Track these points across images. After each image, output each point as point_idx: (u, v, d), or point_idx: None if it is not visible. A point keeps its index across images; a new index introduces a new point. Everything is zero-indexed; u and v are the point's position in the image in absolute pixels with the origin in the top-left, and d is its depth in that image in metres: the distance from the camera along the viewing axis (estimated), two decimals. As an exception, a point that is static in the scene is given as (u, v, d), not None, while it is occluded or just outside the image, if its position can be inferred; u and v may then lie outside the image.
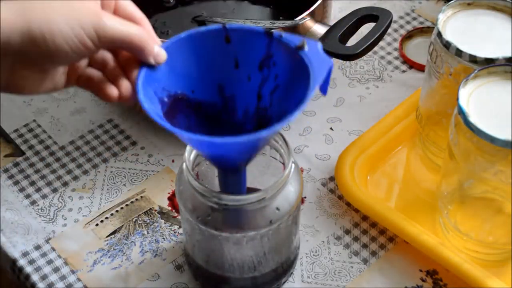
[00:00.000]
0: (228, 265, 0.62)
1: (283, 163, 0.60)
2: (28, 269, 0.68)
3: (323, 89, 0.52)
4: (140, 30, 0.49)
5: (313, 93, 0.50)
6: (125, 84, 0.51)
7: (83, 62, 0.51)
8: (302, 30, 0.74)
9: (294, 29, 0.73)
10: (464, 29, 0.66)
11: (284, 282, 0.66)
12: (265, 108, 0.55)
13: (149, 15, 0.61)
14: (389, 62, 0.88)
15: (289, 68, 0.53)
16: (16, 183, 0.75)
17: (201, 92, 0.55)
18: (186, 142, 0.53)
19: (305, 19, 0.73)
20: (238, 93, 0.56)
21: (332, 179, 0.75)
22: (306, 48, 0.52)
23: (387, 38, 0.91)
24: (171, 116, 0.52)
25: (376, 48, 0.88)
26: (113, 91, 0.51)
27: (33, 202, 0.74)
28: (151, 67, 0.51)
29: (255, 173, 0.63)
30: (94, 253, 0.69)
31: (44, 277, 0.67)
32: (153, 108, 0.50)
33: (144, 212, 0.73)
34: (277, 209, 0.58)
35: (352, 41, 0.74)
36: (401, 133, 0.77)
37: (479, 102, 0.59)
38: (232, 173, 0.56)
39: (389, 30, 0.90)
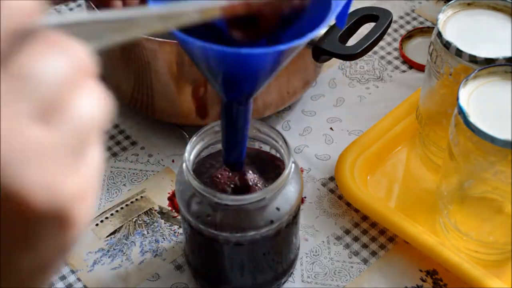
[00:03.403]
0: (228, 265, 0.62)
1: (283, 163, 0.60)
2: (28, 269, 0.68)
3: (340, 21, 0.51)
4: None
5: (334, 14, 0.48)
6: None
7: None
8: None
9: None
10: (464, 29, 0.66)
11: (284, 282, 0.66)
12: (278, 36, 0.53)
13: None
14: (389, 62, 0.88)
15: None
16: (16, 183, 0.75)
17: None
18: (194, 58, 0.50)
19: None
20: None
21: (332, 179, 0.75)
22: None
23: (387, 38, 0.91)
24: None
25: (376, 48, 0.88)
26: (118, 3, 0.52)
27: (33, 202, 0.73)
28: None
29: (256, 173, 0.63)
30: (94, 253, 0.69)
31: (44, 277, 0.67)
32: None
33: (144, 212, 0.73)
34: (277, 209, 0.58)
35: (352, 41, 0.74)
36: (401, 133, 0.77)
37: (479, 102, 0.59)
38: (237, 108, 0.53)
39: (389, 30, 0.90)
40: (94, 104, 0.28)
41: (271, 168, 0.62)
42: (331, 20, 0.48)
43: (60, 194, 0.27)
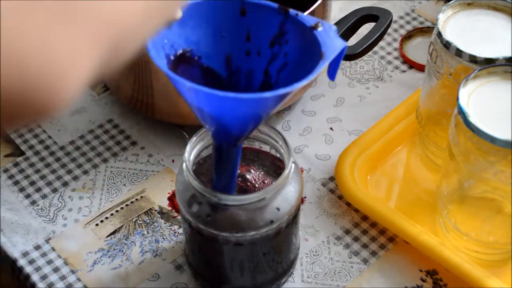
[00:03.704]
0: (228, 265, 0.62)
1: (283, 163, 0.60)
2: (28, 269, 0.68)
3: (332, 74, 0.51)
4: None
5: (322, 67, 0.49)
6: None
7: None
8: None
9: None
10: (464, 29, 0.66)
11: (284, 282, 0.66)
12: (270, 85, 0.54)
13: None
14: (389, 62, 0.88)
15: (301, 47, 0.52)
16: (16, 183, 0.75)
17: (208, 59, 0.54)
18: (186, 97, 0.51)
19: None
20: (245, 67, 0.55)
21: (332, 179, 0.75)
22: (321, 28, 0.51)
23: (387, 38, 0.91)
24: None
25: (376, 48, 0.88)
26: None
27: (33, 202, 0.74)
28: None
29: (256, 172, 0.63)
30: (94, 253, 0.69)
31: (44, 277, 0.67)
32: (158, 58, 0.50)
33: (144, 212, 0.73)
34: (277, 209, 0.58)
35: (352, 41, 0.74)
36: (401, 133, 0.77)
37: (479, 102, 0.59)
38: (227, 149, 0.55)
39: (389, 30, 0.90)
40: None
41: (271, 168, 0.62)
42: (319, 71, 0.49)
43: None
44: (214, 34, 0.54)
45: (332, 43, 0.50)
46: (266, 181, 0.61)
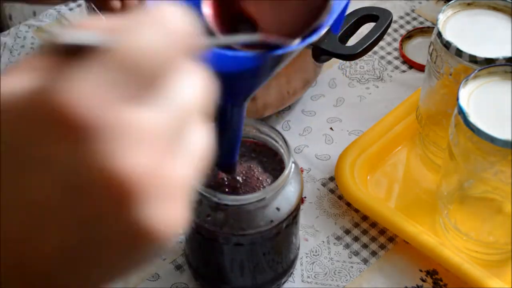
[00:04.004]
0: (228, 265, 0.62)
1: (283, 163, 0.60)
2: (28, 269, 0.68)
3: (335, 28, 0.51)
4: None
5: (331, 20, 0.48)
6: None
7: None
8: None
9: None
10: (464, 29, 0.66)
11: (284, 282, 0.66)
12: None
13: None
14: (389, 62, 0.88)
15: None
16: (16, 183, 0.75)
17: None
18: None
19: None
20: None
21: (332, 179, 0.75)
22: None
23: (387, 38, 0.91)
24: None
25: (376, 48, 0.88)
26: (116, 4, 0.52)
27: (33, 202, 0.73)
28: None
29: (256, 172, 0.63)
30: (94, 253, 0.69)
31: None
32: None
33: (144, 212, 0.72)
34: (277, 209, 0.58)
35: (352, 41, 0.74)
36: (401, 133, 0.77)
37: (479, 102, 0.59)
38: (231, 110, 0.53)
39: (389, 30, 0.90)
40: (196, 84, 0.25)
41: (273, 161, 0.62)
42: (328, 25, 0.48)
43: (166, 178, 0.23)
44: None
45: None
46: (268, 177, 0.61)
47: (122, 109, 0.23)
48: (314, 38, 0.47)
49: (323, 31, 0.48)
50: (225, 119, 0.55)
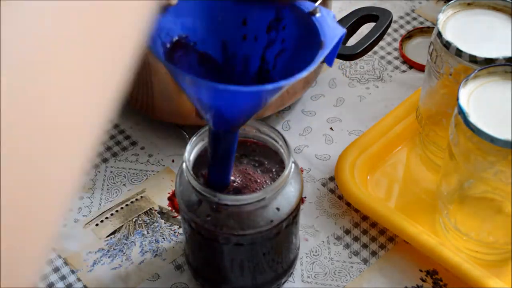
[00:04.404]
0: (228, 265, 0.62)
1: (283, 163, 0.60)
2: (28, 269, 0.68)
3: (329, 60, 0.51)
4: None
5: (323, 55, 0.48)
6: None
7: None
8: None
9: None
10: (464, 29, 0.66)
11: (284, 282, 0.66)
12: (267, 71, 0.54)
13: None
14: (389, 62, 0.88)
15: (298, 33, 0.51)
16: (16, 183, 0.75)
17: (204, 44, 0.53)
18: (184, 88, 0.50)
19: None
20: (241, 52, 0.54)
21: (332, 179, 0.75)
22: (319, 14, 0.50)
23: (387, 38, 0.91)
24: (171, 63, 0.51)
25: (376, 48, 0.88)
26: None
27: (33, 202, 0.73)
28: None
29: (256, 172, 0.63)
30: (94, 253, 0.69)
31: (44, 277, 0.67)
32: (155, 47, 0.49)
33: (144, 212, 0.73)
34: (277, 209, 0.58)
35: (352, 41, 0.74)
36: (401, 133, 0.77)
37: (479, 102, 0.59)
38: (224, 136, 0.54)
39: (389, 30, 0.90)
40: None
41: (273, 161, 0.62)
42: (320, 61, 0.48)
43: None
44: (209, 20, 0.53)
45: (331, 31, 0.50)
46: (266, 176, 0.61)
47: None
48: (305, 73, 0.47)
49: (315, 66, 0.48)
50: (218, 143, 0.55)
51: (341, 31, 0.50)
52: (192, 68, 0.54)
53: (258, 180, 0.60)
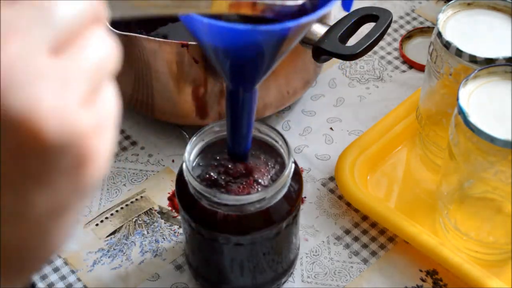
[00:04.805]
0: (228, 265, 0.62)
1: (283, 163, 0.60)
2: (28, 269, 0.68)
3: (347, 5, 0.50)
4: None
5: None
6: None
7: None
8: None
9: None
10: (464, 29, 0.66)
11: (284, 282, 0.66)
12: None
13: None
14: (389, 62, 0.88)
15: None
16: (16, 183, 0.75)
17: None
18: (200, 37, 0.49)
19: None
20: None
21: (332, 179, 0.75)
22: None
23: (387, 38, 0.91)
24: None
25: (376, 48, 0.88)
26: None
27: (33, 202, 0.73)
28: None
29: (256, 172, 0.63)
30: (94, 253, 0.69)
31: (44, 277, 0.67)
32: None
33: (144, 212, 0.73)
34: (277, 209, 0.58)
35: (352, 41, 0.74)
36: (401, 133, 0.77)
37: (479, 102, 0.59)
38: (242, 96, 0.54)
39: (389, 30, 0.90)
40: (107, 45, 0.27)
41: (273, 161, 0.62)
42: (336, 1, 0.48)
43: (76, 125, 0.25)
44: None
45: None
46: (267, 174, 0.61)
47: (35, 54, 0.24)
48: (326, 10, 0.46)
49: (333, 4, 0.47)
50: (236, 105, 0.54)
51: None
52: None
53: (258, 180, 0.59)
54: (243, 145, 0.58)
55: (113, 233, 0.71)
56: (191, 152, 0.59)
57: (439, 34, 0.65)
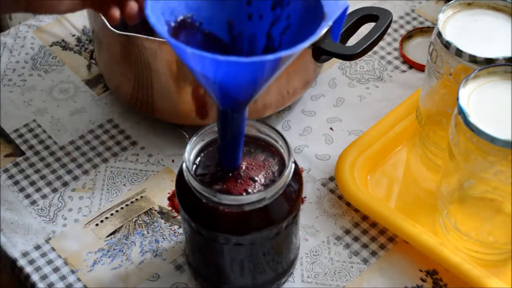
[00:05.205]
0: (228, 265, 0.62)
1: (283, 163, 0.60)
2: (28, 269, 0.68)
3: (335, 35, 0.51)
4: None
5: (325, 27, 0.48)
6: (132, 4, 0.54)
7: None
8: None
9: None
10: (464, 29, 0.66)
11: (284, 282, 0.66)
12: (273, 49, 0.54)
13: None
14: (389, 62, 0.88)
15: (303, 8, 0.52)
16: (16, 183, 0.75)
17: (209, 24, 0.54)
18: (190, 65, 0.50)
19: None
20: (247, 31, 0.54)
21: (332, 179, 0.75)
22: None
23: (387, 38, 0.91)
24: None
25: (376, 48, 0.88)
26: (116, 12, 0.54)
27: (33, 202, 0.74)
28: None
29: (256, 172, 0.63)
30: (94, 253, 0.69)
31: (44, 277, 0.67)
32: (159, 25, 0.49)
33: (144, 212, 0.73)
34: (277, 209, 0.58)
35: (352, 41, 0.74)
36: (401, 133, 0.77)
37: (479, 102, 0.59)
38: (232, 116, 0.54)
39: (389, 30, 0.90)
40: None
41: (273, 161, 0.62)
42: (322, 33, 0.48)
43: None
44: (214, 0, 0.53)
45: (334, 3, 0.50)
46: (265, 175, 0.61)
47: None
48: (307, 43, 0.47)
49: (317, 37, 0.48)
50: (226, 124, 0.55)
51: (344, 3, 0.50)
52: (197, 49, 0.54)
53: (258, 180, 0.59)
54: (233, 161, 0.58)
55: (113, 233, 0.71)
56: (191, 152, 0.59)
57: (439, 34, 0.65)
